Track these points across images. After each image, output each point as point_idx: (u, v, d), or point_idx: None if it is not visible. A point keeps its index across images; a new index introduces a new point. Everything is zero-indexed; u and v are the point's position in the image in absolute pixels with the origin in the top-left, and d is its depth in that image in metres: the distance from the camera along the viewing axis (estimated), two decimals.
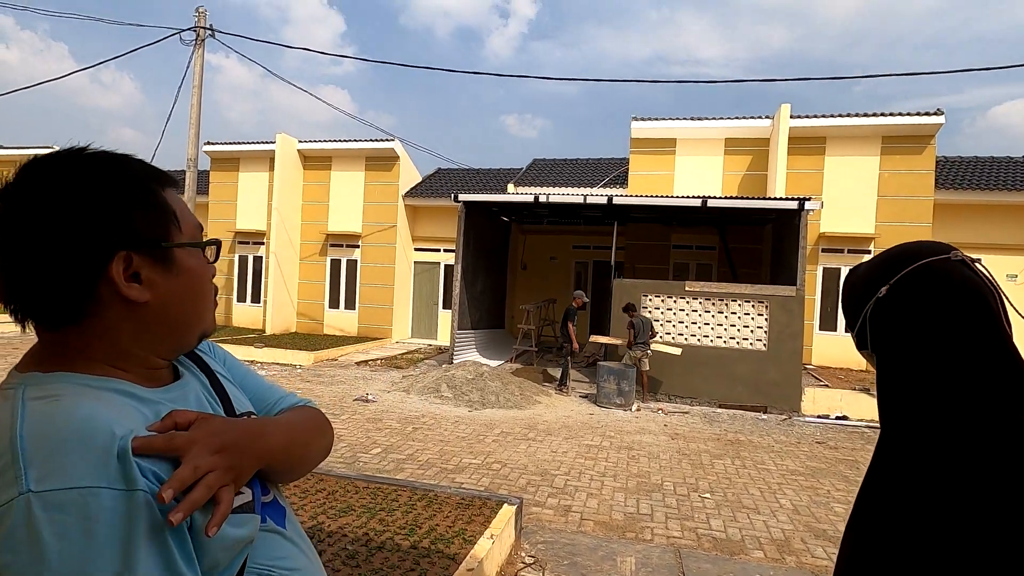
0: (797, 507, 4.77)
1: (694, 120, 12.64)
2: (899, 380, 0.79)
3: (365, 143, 14.49)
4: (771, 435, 7.32)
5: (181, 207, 0.73)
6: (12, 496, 0.51)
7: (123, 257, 0.64)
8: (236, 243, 15.42)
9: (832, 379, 10.16)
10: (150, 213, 0.67)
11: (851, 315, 0.89)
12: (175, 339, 0.72)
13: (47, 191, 0.63)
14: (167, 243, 0.68)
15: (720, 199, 9.87)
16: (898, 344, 0.80)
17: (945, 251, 0.80)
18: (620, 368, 8.54)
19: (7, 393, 0.61)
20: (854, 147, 11.76)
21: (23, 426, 0.56)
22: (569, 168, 16.17)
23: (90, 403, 0.59)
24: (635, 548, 3.82)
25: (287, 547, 0.77)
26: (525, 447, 6.13)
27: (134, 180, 0.67)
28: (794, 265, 9.12)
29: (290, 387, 8.37)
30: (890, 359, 0.81)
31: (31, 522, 0.50)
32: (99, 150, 0.69)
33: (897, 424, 0.79)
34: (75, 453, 0.54)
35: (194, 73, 11.24)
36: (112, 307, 0.65)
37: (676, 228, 13.26)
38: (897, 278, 0.80)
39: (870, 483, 0.81)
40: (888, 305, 0.81)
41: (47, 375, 0.63)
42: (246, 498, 0.70)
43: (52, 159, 0.66)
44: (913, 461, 0.74)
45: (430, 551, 3.06)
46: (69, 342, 0.65)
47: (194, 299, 0.72)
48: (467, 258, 11.16)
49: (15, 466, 0.53)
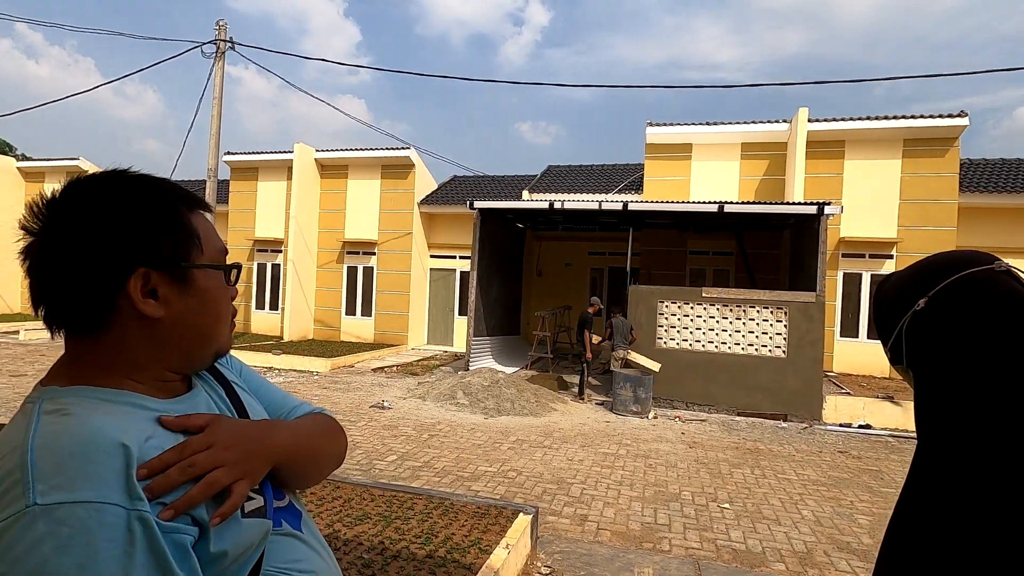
0: (819, 518, 4.67)
1: (710, 125, 12.56)
2: (939, 398, 0.75)
3: (381, 151, 14.63)
4: (791, 444, 7.19)
5: (207, 230, 0.76)
6: (19, 509, 0.53)
7: (141, 274, 0.67)
8: (255, 251, 15.63)
9: (854, 386, 9.96)
10: (173, 234, 0.71)
11: (885, 329, 0.84)
12: (188, 355, 0.74)
13: (82, 207, 0.67)
14: (186, 263, 0.71)
15: (737, 204, 9.76)
16: (939, 360, 0.75)
17: (988, 261, 0.75)
18: (637, 376, 8.47)
19: (27, 408, 0.64)
20: (875, 150, 11.57)
21: (34, 440, 0.57)
22: (584, 174, 16.15)
23: (99, 417, 0.61)
24: (653, 559, 3.77)
25: (304, 550, 0.78)
26: (541, 455, 6.10)
27: (161, 201, 0.71)
28: (814, 270, 8.98)
29: (307, 393, 8.46)
30: (929, 376, 0.77)
31: (35, 534, 0.51)
32: (138, 173, 0.73)
33: (937, 444, 0.75)
34: (80, 468, 0.55)
35: (214, 85, 11.46)
36: (129, 320, 0.68)
37: (692, 234, 13.15)
38: (937, 290, 0.76)
39: (907, 502, 0.77)
40: (926, 319, 0.76)
41: (64, 389, 0.66)
42: (258, 503, 0.71)
43: (93, 179, 0.71)
44: (954, 483, 0.70)
45: (446, 560, 3.05)
46: (88, 353, 0.68)
47: (208, 318, 0.75)
48: (482, 265, 11.18)
49: (24, 479, 0.54)
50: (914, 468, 0.78)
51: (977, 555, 0.66)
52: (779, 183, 12.27)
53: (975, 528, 0.67)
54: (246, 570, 0.68)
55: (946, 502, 0.71)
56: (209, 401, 0.78)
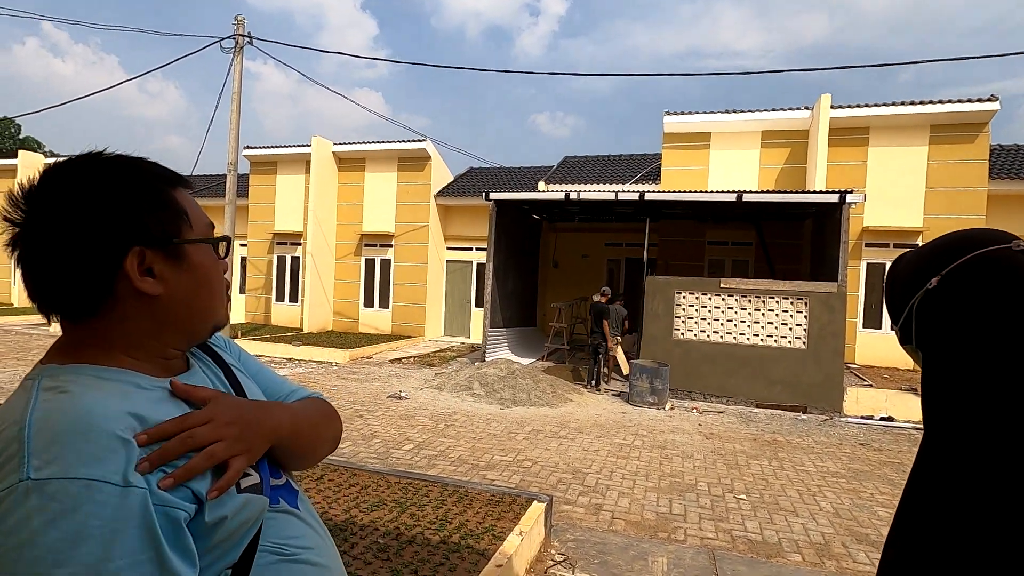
0: (838, 510, 4.61)
1: (729, 113, 12.36)
2: (948, 379, 0.73)
3: (397, 144, 14.70)
4: (811, 436, 7.10)
5: (192, 206, 0.76)
6: (13, 482, 0.54)
7: (137, 253, 0.68)
8: (274, 244, 15.85)
9: (876, 379, 9.78)
10: (161, 212, 0.71)
11: (896, 307, 0.82)
12: (188, 330, 0.75)
13: (66, 193, 0.67)
14: (178, 239, 0.72)
15: (756, 193, 9.60)
16: (949, 340, 0.73)
17: (1005, 240, 0.72)
18: (654, 367, 8.43)
19: (27, 384, 0.65)
20: (900, 137, 11.28)
21: (32, 415, 0.58)
22: (601, 165, 16.03)
23: (96, 395, 0.62)
24: (667, 548, 3.76)
25: (300, 527, 0.80)
26: (556, 445, 6.11)
27: (146, 181, 0.72)
28: (835, 260, 8.81)
29: (327, 384, 8.59)
30: (938, 356, 0.74)
31: (27, 508, 0.53)
32: (114, 154, 0.73)
33: (945, 427, 0.73)
34: (73, 445, 0.56)
35: (233, 80, 11.60)
36: (127, 300, 0.69)
37: (711, 224, 12.99)
38: (950, 268, 0.73)
39: (914, 488, 0.76)
40: (939, 297, 0.74)
41: (63, 367, 0.67)
42: (253, 480, 0.72)
43: (70, 164, 0.70)
44: (962, 466, 0.68)
45: (460, 546, 3.08)
46: (88, 334, 0.69)
47: (205, 292, 0.75)
48: (499, 256, 11.19)
49: (20, 453, 0.55)
50: (922, 451, 0.77)
51: (984, 539, 0.65)
52: (800, 172, 12.04)
53: (982, 512, 0.65)
54: (241, 547, 0.69)
55: (953, 485, 0.69)
56: (207, 380, 0.79)
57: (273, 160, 15.87)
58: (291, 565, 0.76)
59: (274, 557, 0.74)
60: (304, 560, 0.77)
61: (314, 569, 0.79)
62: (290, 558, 0.76)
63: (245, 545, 0.70)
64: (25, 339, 11.94)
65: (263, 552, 0.73)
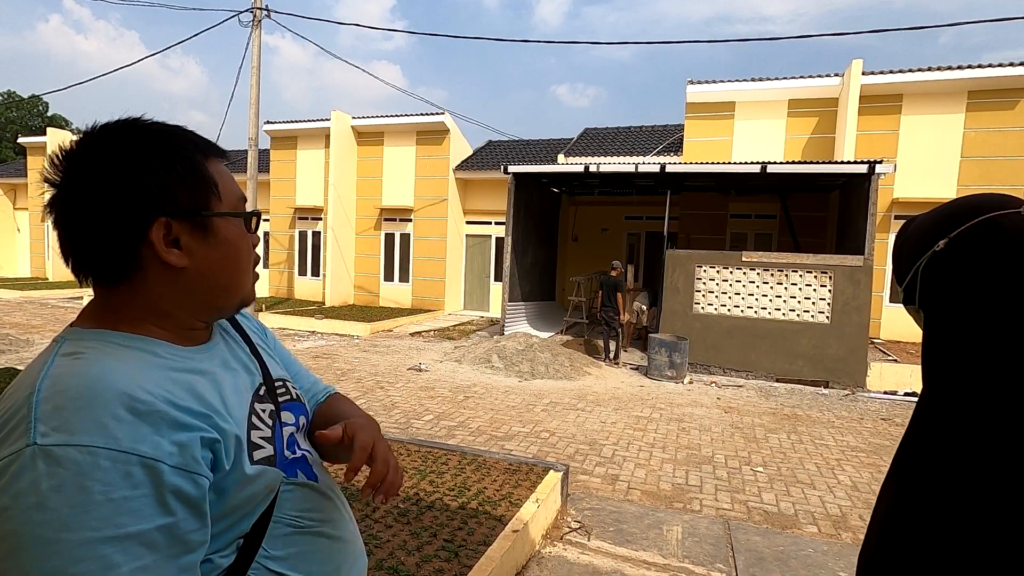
0: (856, 484, 4.60)
1: (755, 81, 11.97)
2: (949, 341, 0.74)
3: (416, 117, 14.61)
4: (832, 410, 7.05)
5: (224, 178, 0.75)
6: (21, 447, 0.55)
7: (163, 223, 0.68)
8: (296, 219, 16.03)
9: (902, 354, 9.61)
10: (191, 183, 0.70)
11: (903, 268, 0.83)
12: (213, 304, 0.75)
13: (100, 158, 0.68)
14: (206, 212, 0.71)
15: (781, 164, 9.35)
16: (952, 302, 0.74)
17: (1014, 205, 0.72)
18: (672, 340, 8.40)
19: (50, 347, 0.66)
20: (935, 104, 10.83)
21: (43, 381, 0.59)
22: (621, 137, 15.74)
23: (109, 363, 0.62)
24: (682, 518, 3.81)
25: (318, 499, 0.80)
26: (574, 417, 6.18)
27: (178, 151, 0.71)
28: (862, 233, 8.59)
29: (349, 356, 8.76)
30: (940, 317, 0.76)
31: (33, 473, 0.54)
32: (151, 121, 0.73)
33: (943, 385, 0.74)
34: (81, 412, 0.57)
35: (252, 54, 11.59)
36: (153, 270, 0.69)
37: (734, 196, 12.73)
38: (958, 232, 0.74)
39: (909, 446, 0.77)
40: (945, 260, 0.75)
41: (87, 331, 0.68)
42: (267, 452, 0.73)
43: (108, 129, 0.70)
44: (959, 426, 0.70)
45: (477, 512, 3.17)
46: (117, 299, 0.70)
47: (232, 267, 0.75)
48: (517, 230, 11.16)
49: (28, 419, 0.56)
50: (919, 410, 0.78)
51: (978, 497, 0.65)
52: (828, 142, 11.68)
53: (977, 471, 0.66)
54: (254, 517, 0.70)
55: (950, 444, 0.71)
56: (225, 354, 0.79)
57: (293, 135, 15.93)
58: (306, 537, 0.76)
59: (288, 529, 0.75)
60: (319, 532, 0.78)
61: (330, 542, 0.80)
62: (305, 530, 0.77)
63: (258, 515, 0.71)
64: (60, 312, 12.38)
65: (278, 523, 0.73)
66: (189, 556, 0.61)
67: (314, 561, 0.77)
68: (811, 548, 3.47)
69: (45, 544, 0.52)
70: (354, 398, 6.47)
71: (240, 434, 0.69)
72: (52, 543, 0.52)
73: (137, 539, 0.56)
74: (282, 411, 0.81)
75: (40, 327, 10.35)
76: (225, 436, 0.66)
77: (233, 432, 0.68)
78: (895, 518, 0.75)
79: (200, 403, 0.66)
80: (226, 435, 0.67)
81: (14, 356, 7.72)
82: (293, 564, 0.74)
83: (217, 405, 0.68)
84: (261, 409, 0.77)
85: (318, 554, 0.78)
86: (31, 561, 0.52)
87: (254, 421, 0.74)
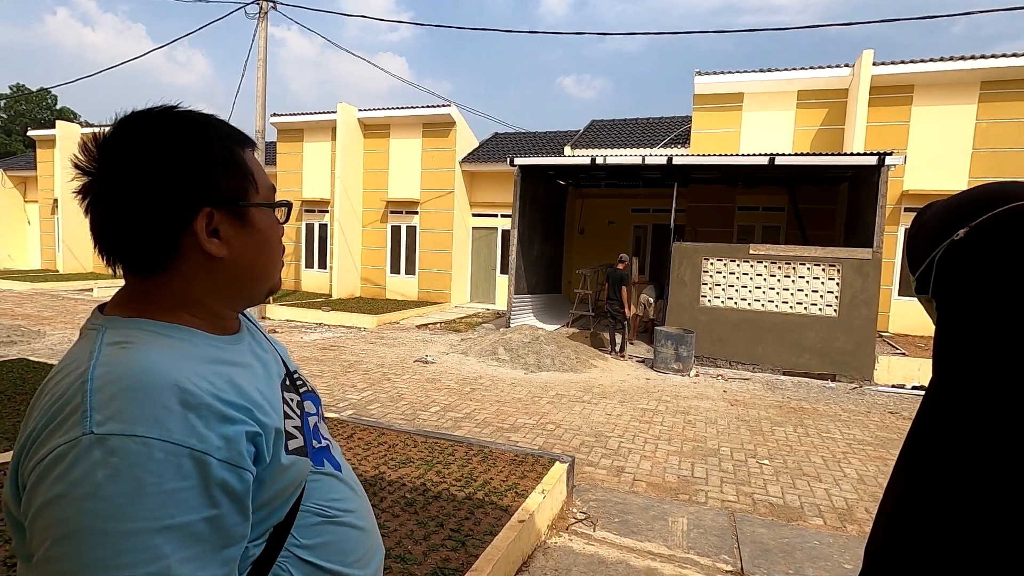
0: (863, 476, 4.60)
1: (763, 72, 11.85)
2: (964, 332, 0.72)
3: (422, 110, 14.58)
4: (839, 404, 7.03)
5: (258, 168, 0.76)
6: (77, 435, 0.56)
7: (207, 213, 0.69)
8: (303, 211, 16.07)
9: (910, 347, 9.55)
10: (232, 173, 0.71)
11: (917, 256, 0.80)
12: (246, 293, 0.76)
13: (143, 146, 0.67)
14: (244, 202, 0.72)
15: (790, 156, 9.28)
16: (970, 293, 0.71)
17: None
18: (679, 333, 8.39)
19: (90, 335, 0.66)
20: (947, 95, 10.69)
21: (95, 370, 0.60)
22: (628, 129, 15.66)
23: (157, 353, 0.63)
24: (688, 510, 3.82)
25: (343, 489, 0.82)
26: (579, 409, 6.20)
27: (218, 140, 0.71)
28: (871, 226, 8.52)
29: (356, 348, 8.81)
30: (956, 309, 0.74)
31: (89, 461, 0.54)
32: (187, 109, 0.73)
33: (955, 376, 0.73)
34: (135, 402, 0.57)
35: (259, 46, 11.59)
36: (192, 259, 0.69)
37: (741, 189, 12.65)
38: (979, 221, 0.71)
39: (919, 434, 0.77)
40: (963, 250, 0.72)
41: (126, 320, 0.68)
42: (299, 442, 0.74)
43: (147, 116, 0.70)
44: (969, 416, 0.69)
45: (484, 502, 3.19)
46: (151, 289, 0.70)
47: (265, 256, 0.76)
48: (524, 223, 11.15)
49: (83, 407, 0.57)
50: (927, 401, 0.77)
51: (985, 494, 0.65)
52: (837, 133, 11.57)
53: (987, 466, 0.66)
54: (288, 507, 0.71)
55: (960, 438, 0.70)
56: (252, 344, 0.80)
57: (299, 127, 15.95)
58: (334, 527, 0.77)
59: (317, 518, 0.75)
60: (346, 523, 0.79)
61: (356, 532, 0.81)
62: (333, 520, 0.77)
63: (291, 505, 0.72)
64: (71, 303, 12.50)
65: (305, 513, 0.74)
66: (231, 549, 0.62)
67: (342, 551, 0.77)
68: (816, 540, 3.47)
69: (98, 532, 0.53)
70: (361, 389, 6.52)
71: (280, 426, 0.70)
72: (105, 531, 0.53)
73: (185, 530, 0.56)
74: (304, 401, 0.82)
75: (51, 319, 10.46)
76: (266, 429, 0.67)
77: (273, 425, 0.69)
78: (903, 510, 0.75)
79: (241, 396, 0.66)
80: (267, 428, 0.67)
81: (26, 347, 7.81)
82: (322, 553, 0.75)
83: (257, 398, 0.69)
84: (289, 398, 0.78)
85: (346, 543, 0.79)
86: (84, 548, 0.53)
87: (286, 410, 0.75)
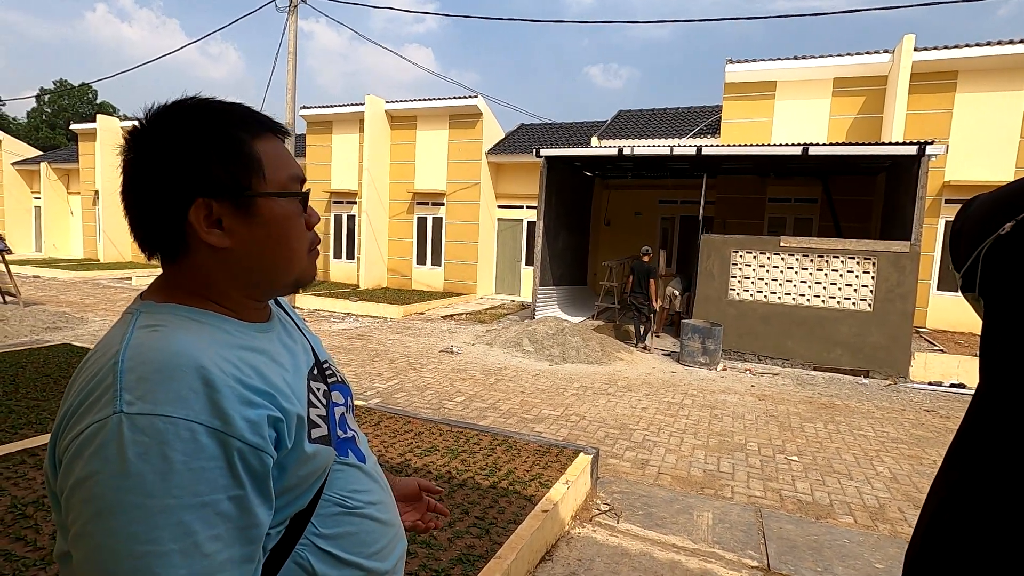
0: (896, 475, 4.49)
1: (797, 59, 11.52)
2: (1013, 331, 0.68)
3: (448, 101, 14.60)
4: (872, 400, 6.85)
5: (274, 157, 0.73)
6: (108, 414, 0.57)
7: (202, 204, 0.68)
8: (331, 203, 16.31)
9: (949, 344, 9.24)
10: (233, 162, 0.69)
11: (962, 252, 0.77)
12: (264, 283, 0.75)
13: (150, 139, 0.70)
14: (248, 192, 0.70)
15: (824, 146, 9.01)
16: (1016, 289, 0.68)
17: None
18: (706, 326, 8.28)
19: (126, 318, 0.69)
20: (993, 81, 10.23)
21: (126, 351, 0.62)
22: (656, 119, 15.41)
23: (186, 337, 0.64)
24: (713, 504, 3.79)
25: (366, 481, 0.82)
26: (604, 401, 6.18)
27: (221, 129, 0.70)
28: (909, 218, 8.24)
29: (382, 338, 8.93)
30: (1004, 307, 0.70)
31: (120, 439, 0.56)
32: (200, 99, 0.73)
33: (1004, 379, 0.69)
34: (162, 383, 0.59)
35: (288, 40, 11.75)
36: (199, 250, 0.70)
37: (772, 180, 12.35)
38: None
39: (965, 439, 0.73)
40: (1011, 244, 0.69)
41: (159, 305, 0.70)
42: (322, 431, 0.74)
43: (162, 109, 0.72)
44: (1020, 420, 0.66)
45: (508, 492, 3.22)
46: (180, 275, 0.72)
47: (278, 247, 0.73)
48: (549, 214, 11.11)
49: (114, 387, 0.59)
50: (975, 403, 0.74)
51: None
52: (875, 122, 11.19)
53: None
54: (311, 494, 0.72)
55: (1009, 443, 0.67)
56: (282, 333, 0.80)
57: (328, 120, 16.15)
58: (354, 518, 0.77)
59: (338, 508, 0.76)
60: (367, 515, 0.79)
61: (376, 525, 0.81)
62: (353, 511, 0.78)
63: (314, 493, 0.73)
64: (112, 291, 12.97)
65: (326, 503, 0.75)
66: (255, 530, 0.63)
67: (361, 542, 0.78)
68: (846, 538, 3.41)
69: (130, 509, 0.55)
70: (387, 379, 6.62)
71: (302, 413, 0.71)
72: (136, 508, 0.55)
73: (212, 508, 0.58)
74: (331, 391, 0.82)
75: (93, 306, 10.87)
76: (288, 416, 0.68)
77: (295, 412, 0.69)
78: (944, 517, 0.73)
79: (264, 382, 0.67)
80: (288, 415, 0.68)
81: (70, 333, 8.14)
82: (341, 544, 0.75)
83: (280, 385, 0.69)
84: (316, 388, 0.78)
85: (366, 535, 0.79)
86: (116, 524, 0.55)
87: (311, 399, 0.75)
